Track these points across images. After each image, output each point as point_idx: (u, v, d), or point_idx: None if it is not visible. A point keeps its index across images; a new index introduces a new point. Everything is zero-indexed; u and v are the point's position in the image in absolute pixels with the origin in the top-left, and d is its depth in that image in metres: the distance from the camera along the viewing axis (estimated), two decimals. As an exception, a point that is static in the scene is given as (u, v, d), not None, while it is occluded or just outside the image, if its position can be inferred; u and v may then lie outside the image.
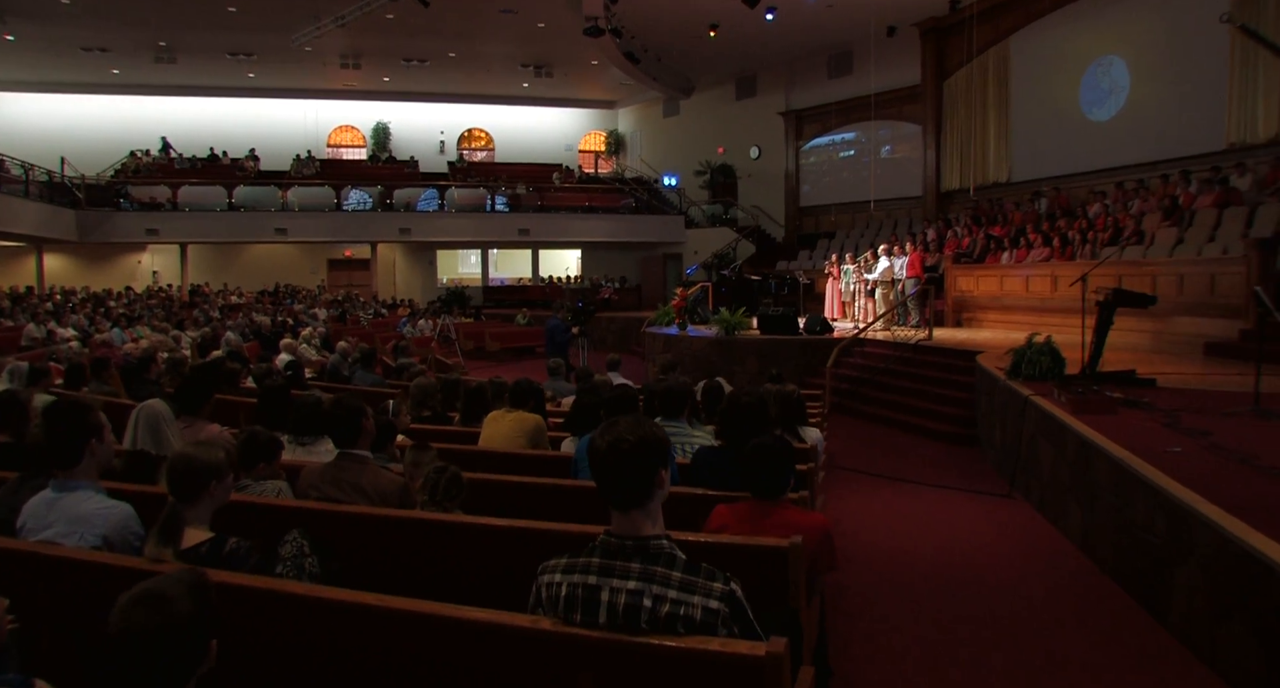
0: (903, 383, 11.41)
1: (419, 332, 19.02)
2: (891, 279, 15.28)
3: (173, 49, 23.98)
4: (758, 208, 27.46)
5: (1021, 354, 7.70)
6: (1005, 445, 7.77)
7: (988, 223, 18.06)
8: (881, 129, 23.69)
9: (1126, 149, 16.95)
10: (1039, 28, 18.93)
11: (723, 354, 13.69)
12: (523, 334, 20.79)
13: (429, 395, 5.63)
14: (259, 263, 28.06)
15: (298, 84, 28.51)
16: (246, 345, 14.09)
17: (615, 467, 1.90)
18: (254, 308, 21.45)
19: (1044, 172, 18.84)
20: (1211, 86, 15.09)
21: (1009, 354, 8.00)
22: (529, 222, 26.90)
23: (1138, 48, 16.69)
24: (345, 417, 3.17)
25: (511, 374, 15.93)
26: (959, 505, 7.06)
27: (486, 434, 4.82)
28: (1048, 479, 6.28)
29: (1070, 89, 18.22)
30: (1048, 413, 6.27)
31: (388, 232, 26.29)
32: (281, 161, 28.37)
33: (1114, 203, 15.68)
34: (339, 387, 8.33)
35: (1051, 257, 14.76)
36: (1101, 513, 5.05)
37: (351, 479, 3.12)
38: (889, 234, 21.94)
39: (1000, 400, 8.06)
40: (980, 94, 20.45)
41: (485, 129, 32.98)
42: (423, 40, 23.70)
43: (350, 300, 25.03)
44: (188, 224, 24.61)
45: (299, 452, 4.00)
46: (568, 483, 3.69)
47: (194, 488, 2.47)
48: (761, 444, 2.75)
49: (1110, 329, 7.33)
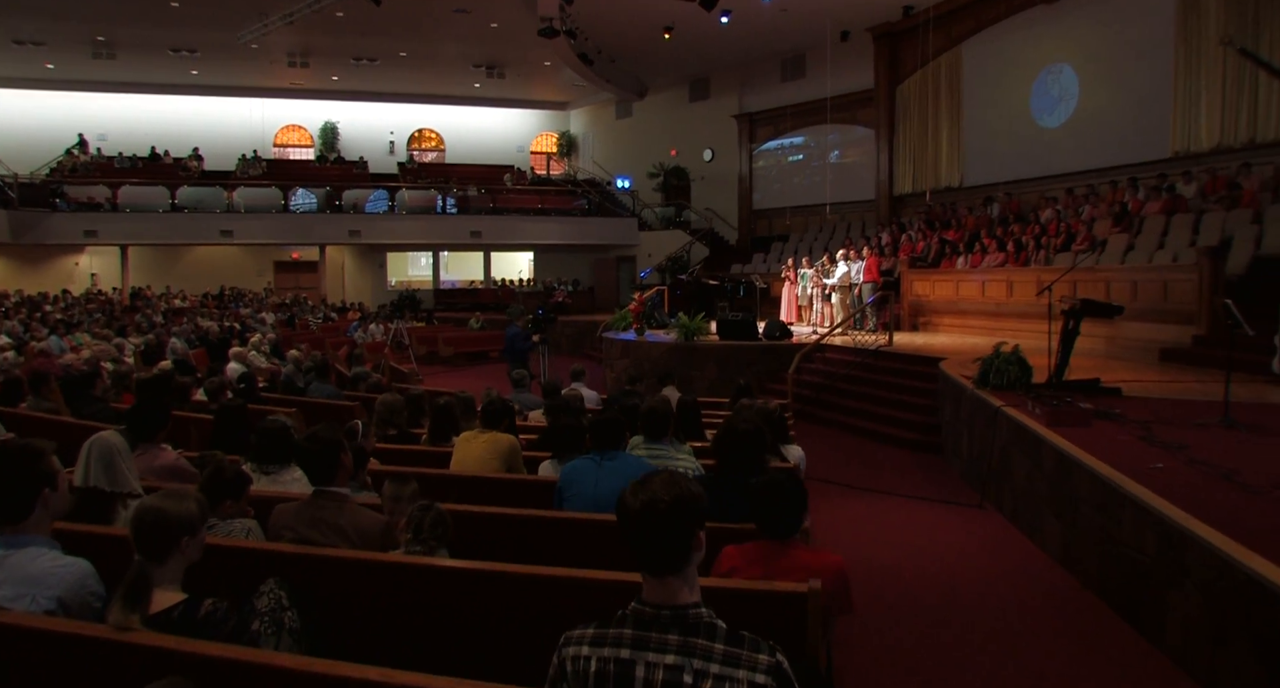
0: (864, 389, 11.40)
1: (370, 337, 18.63)
2: (849, 284, 15.30)
3: (112, 44, 23.19)
4: (711, 210, 27.45)
5: (990, 363, 7.70)
6: (974, 455, 7.76)
7: (941, 227, 18.22)
8: (834, 133, 23.80)
9: (1076, 155, 17.20)
10: (991, 34, 19.15)
11: (682, 360, 13.58)
12: (477, 339, 20.48)
13: (395, 413, 5.40)
14: (203, 265, 27.30)
15: (243, 82, 27.80)
16: (193, 353, 13.64)
17: (650, 530, 1.75)
18: (199, 312, 20.87)
19: (996, 177, 19.06)
20: (1157, 95, 15.37)
21: (976, 363, 7.99)
22: (481, 224, 26.56)
23: (1087, 56, 16.95)
24: (322, 452, 2.95)
25: (468, 381, 15.69)
26: (931, 516, 7.02)
27: (458, 457, 4.62)
28: (1022, 491, 6.26)
29: (1021, 95, 18.45)
30: (1021, 425, 6.25)
31: (337, 234, 25.76)
32: (226, 161, 27.66)
33: (1065, 208, 15.90)
34: (294, 399, 8.04)
35: (1006, 262, 14.91)
36: (1083, 528, 5.02)
37: (330, 519, 2.91)
38: (843, 237, 22.10)
39: (967, 409, 8.05)
40: (933, 99, 20.64)
41: (436, 129, 32.54)
42: (373, 39, 23.26)
43: (299, 304, 24.49)
44: (128, 225, 23.83)
45: (263, 481, 3.74)
46: (555, 516, 3.51)
47: (164, 546, 2.25)
48: (772, 481, 2.62)
49: (1076, 338, 7.36)
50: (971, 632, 4.60)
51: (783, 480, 2.64)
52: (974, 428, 7.78)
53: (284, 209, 25.43)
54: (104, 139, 27.85)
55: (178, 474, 4.01)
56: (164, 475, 3.98)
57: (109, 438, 3.24)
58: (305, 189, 25.90)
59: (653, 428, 4.18)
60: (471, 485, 4.22)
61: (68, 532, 2.83)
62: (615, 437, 3.77)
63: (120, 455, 3.22)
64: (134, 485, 3.26)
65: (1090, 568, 4.94)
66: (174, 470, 4.04)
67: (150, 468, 3.94)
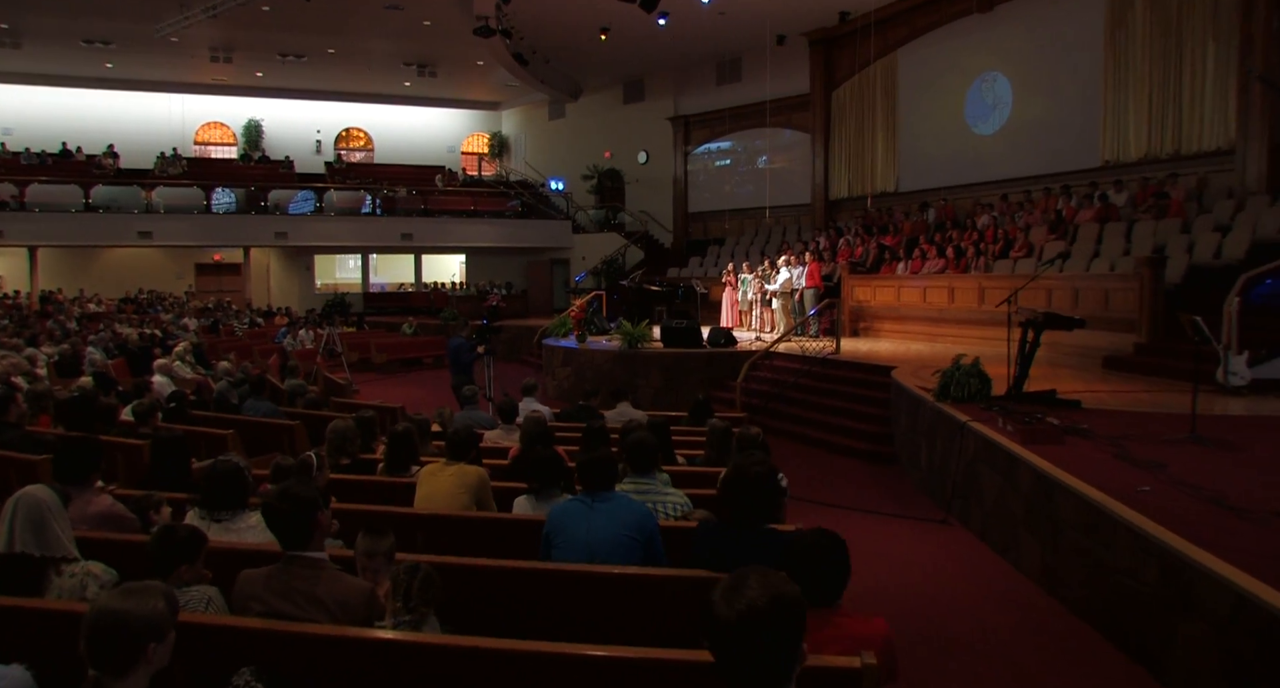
0: (814, 398, 11.30)
1: (300, 344, 17.97)
2: (791, 289, 15.25)
3: (16, 32, 21.87)
4: (646, 213, 27.24)
5: (950, 376, 7.64)
6: (934, 468, 7.69)
7: (879, 232, 18.33)
8: (770, 137, 23.82)
9: (1010, 163, 17.46)
10: (926, 42, 19.34)
11: (625, 368, 13.34)
12: (410, 345, 19.93)
13: (348, 441, 5.03)
14: (118, 267, 26.09)
15: (162, 76, 26.57)
16: (113, 363, 12.92)
17: (749, 644, 1.47)
18: (116, 318, 19.90)
19: (931, 182, 19.26)
20: (1087, 105, 15.67)
21: (935, 375, 7.92)
22: (412, 226, 25.96)
23: (1019, 65, 17.20)
24: (296, 512, 2.61)
25: (405, 390, 15.18)
26: (894, 531, 6.92)
27: (424, 493, 4.28)
28: (992, 508, 6.18)
29: (956, 102, 18.66)
30: (991, 441, 6.17)
31: (262, 235, 24.87)
32: (144, 159, 26.47)
33: (1002, 215, 16.12)
34: (229, 418, 7.58)
35: (946, 268, 15.03)
36: (1067, 551, 4.93)
37: (305, 588, 2.56)
38: (779, 241, 22.13)
39: (926, 422, 7.98)
40: (869, 104, 20.78)
41: (364, 129, 31.75)
42: (301, 35, 22.50)
43: (222, 309, 23.58)
44: (37, 226, 22.63)
45: (214, 529, 3.35)
46: (547, 569, 3.20)
47: (126, 656, 1.87)
48: (814, 542, 2.38)
49: (1038, 350, 7.34)
50: (953, 653, 4.50)
51: (825, 541, 2.41)
52: (934, 441, 7.71)
53: (206, 210, 24.47)
54: (9, 134, 26.43)
55: (114, 522, 3.61)
56: (98, 524, 3.57)
57: (37, 494, 2.85)
58: (225, 188, 24.94)
59: (639, 461, 3.93)
60: (441, 525, 3.91)
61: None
62: (608, 477, 3.50)
63: (52, 514, 2.83)
64: (69, 548, 2.88)
65: (1076, 592, 4.85)
66: (109, 518, 3.63)
67: (82, 516, 3.52)
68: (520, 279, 28.61)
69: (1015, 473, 5.73)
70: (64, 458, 3.67)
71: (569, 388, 13.89)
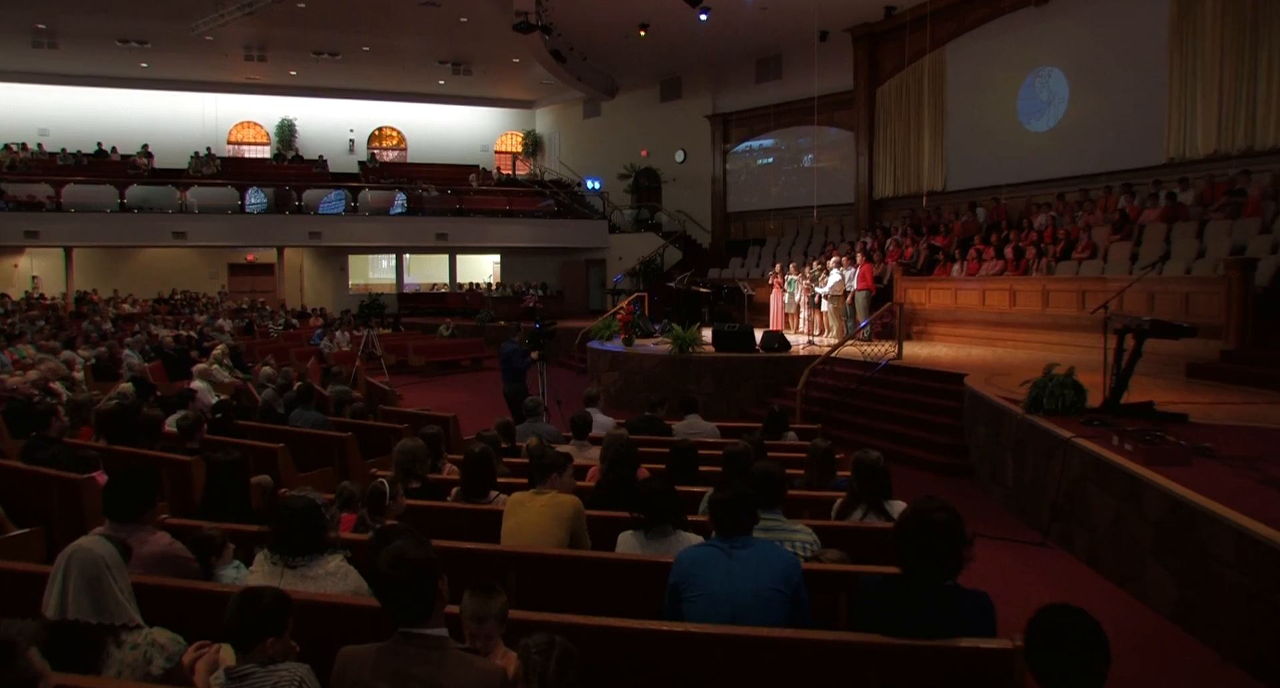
0: (877, 406, 10.79)
1: (336, 346, 17.63)
2: (843, 292, 14.73)
3: (53, 33, 21.78)
4: (683, 213, 26.77)
5: (1042, 387, 7.10)
6: (1025, 485, 7.17)
7: (929, 232, 17.76)
8: (811, 135, 23.30)
9: (1065, 161, 16.83)
10: (976, 36, 18.74)
11: (676, 373, 12.89)
12: (448, 347, 19.56)
13: (417, 462, 4.58)
14: (152, 267, 25.94)
15: (196, 76, 26.41)
16: (149, 366, 12.62)
17: None
18: (151, 319, 19.68)
19: (980, 181, 18.66)
20: (1151, 100, 15.03)
21: (1024, 385, 7.39)
22: (447, 226, 25.63)
23: (1077, 59, 16.57)
24: (415, 582, 2.12)
25: (446, 394, 14.81)
26: (986, 553, 6.40)
27: (512, 526, 3.82)
28: (1106, 534, 5.67)
29: (1007, 99, 18.05)
30: (1104, 460, 5.66)
31: (296, 235, 24.63)
32: (177, 159, 26.34)
33: (1059, 214, 15.53)
34: (276, 429, 7.19)
35: (1005, 270, 14.46)
36: (1220, 591, 4.40)
37: (426, 675, 2.09)
38: (822, 241, 21.61)
39: (1014, 435, 7.46)
40: (914, 101, 20.20)
41: (396, 128, 31.48)
42: (335, 32, 22.22)
43: (257, 310, 23.33)
44: (73, 226, 22.49)
45: (288, 577, 2.92)
46: (686, 632, 2.70)
47: None
48: (1070, 624, 1.88)
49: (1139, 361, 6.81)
50: None
51: (1081, 625, 1.90)
52: (1024, 456, 7.19)
53: (240, 210, 24.27)
54: (45, 134, 26.38)
55: (171, 564, 3.19)
56: (153, 566, 3.15)
57: (94, 549, 2.41)
58: (257, 188, 24.73)
59: (766, 495, 3.47)
60: (536, 566, 3.45)
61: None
62: (746, 519, 3.03)
63: (111, 573, 2.40)
64: (130, 614, 2.45)
65: (1235, 639, 4.32)
66: (166, 559, 3.20)
67: (135, 557, 3.09)
68: (555, 280, 28.22)
69: (1140, 497, 5.21)
70: (118, 493, 3.25)
71: (617, 393, 13.44)
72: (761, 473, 3.54)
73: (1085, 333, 12.51)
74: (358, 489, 3.97)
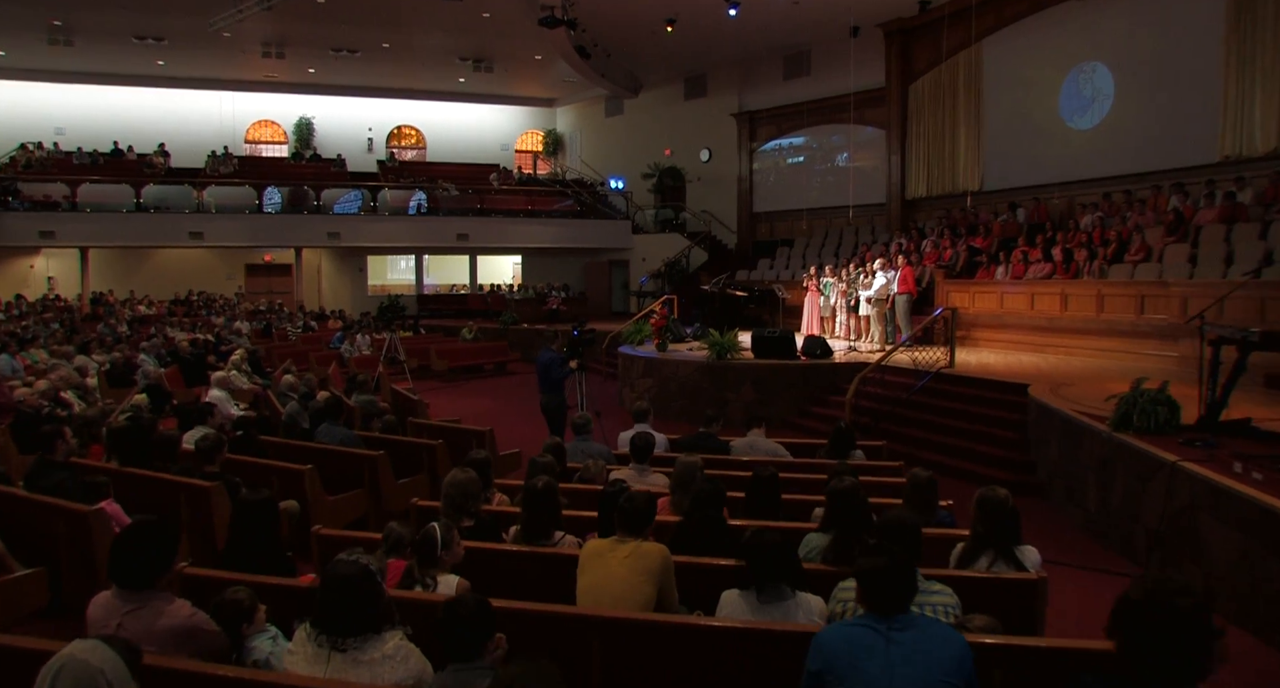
0: (931, 417, 10.19)
1: (357, 350, 17.18)
2: (886, 295, 14.15)
3: (69, 30, 21.36)
4: (708, 213, 26.21)
5: (1132, 402, 6.52)
6: (1112, 509, 6.59)
7: (967, 233, 17.16)
8: (841, 133, 22.73)
9: (1110, 159, 16.21)
10: (1014, 32, 18.13)
11: (714, 381, 12.33)
12: (471, 351, 19.06)
13: (470, 497, 4.01)
14: (168, 268, 25.54)
15: (213, 74, 25.97)
16: (165, 372, 12.17)
17: None
18: (167, 321, 19.27)
19: (1019, 181, 18.06)
20: (1204, 96, 14.40)
21: (1112, 400, 6.80)
22: (468, 226, 25.15)
23: (1123, 54, 15.95)
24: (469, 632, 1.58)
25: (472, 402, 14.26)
26: (1074, 583, 5.84)
27: (591, 582, 3.25)
28: (1227, 572, 5.09)
29: (1049, 95, 17.44)
30: (1224, 489, 5.08)
31: (314, 236, 24.19)
32: (194, 158, 25.91)
33: (1107, 215, 14.90)
34: (301, 446, 6.68)
35: (1054, 273, 13.85)
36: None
37: None
38: (853, 242, 21.03)
39: (1097, 454, 6.88)
40: (949, 99, 19.60)
41: (415, 126, 31.03)
42: (354, 29, 21.74)
43: (274, 311, 22.90)
44: (89, 226, 22.10)
45: (337, 661, 2.38)
46: None
47: None
48: None
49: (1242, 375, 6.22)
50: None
51: None
52: (1110, 478, 6.61)
53: (258, 209, 23.85)
54: (61, 133, 26.01)
55: (192, 639, 2.63)
56: (171, 642, 2.59)
57: (89, 660, 1.86)
58: (275, 187, 24.31)
59: (909, 548, 2.90)
60: (624, 633, 2.89)
61: None
62: (906, 593, 2.47)
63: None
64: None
65: None
66: (187, 634, 2.65)
67: (149, 632, 2.54)
68: (578, 281, 27.70)
69: (1275, 535, 4.63)
70: (128, 555, 2.68)
71: (651, 401, 12.88)
72: (896, 524, 2.99)
73: (1144, 340, 11.92)
74: (408, 532, 3.44)
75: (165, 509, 4.90)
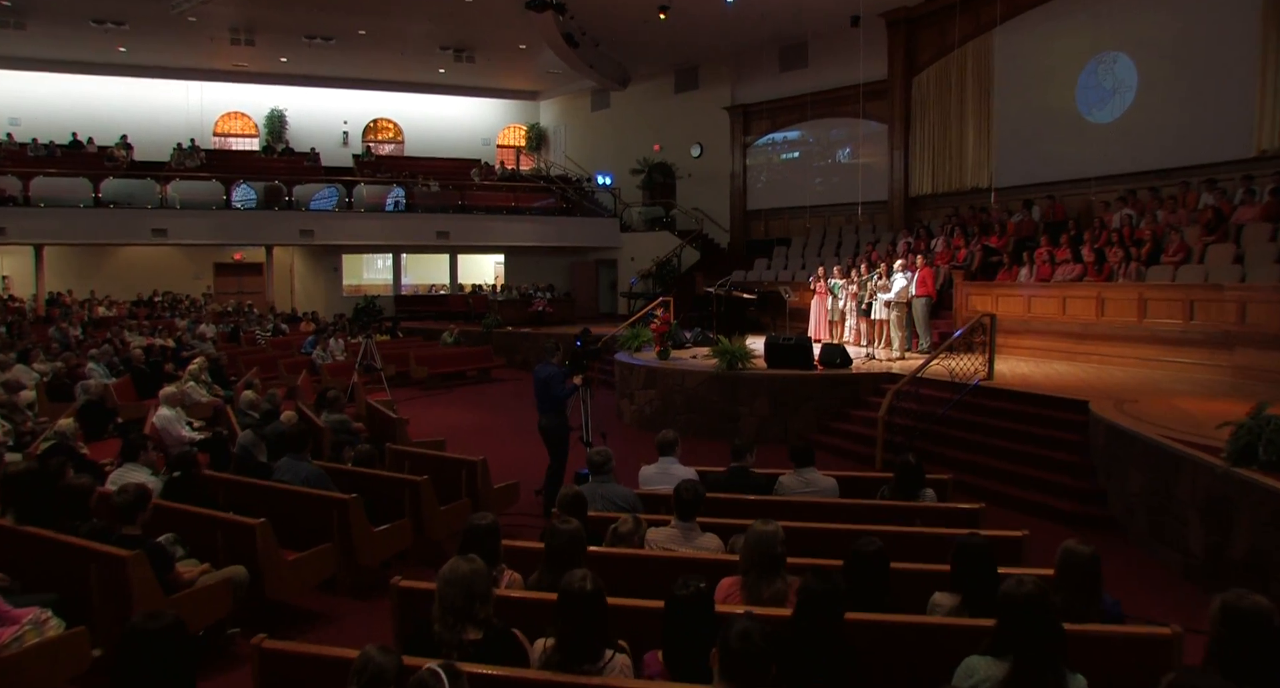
0: (969, 435, 9.14)
1: (330, 356, 15.94)
2: (906, 299, 13.12)
3: (20, 11, 19.86)
4: (699, 210, 25.11)
5: (1256, 432, 5.47)
6: (1232, 560, 5.55)
7: (980, 232, 16.18)
8: (841, 128, 21.72)
9: (1133, 154, 15.28)
10: (1029, 19, 17.16)
11: (724, 393, 11.21)
12: (452, 356, 17.84)
13: (477, 598, 2.64)
14: (132, 267, 24.16)
15: (179, 62, 24.56)
16: (116, 383, 10.92)
17: None
18: (126, 324, 17.95)
19: (1032, 177, 17.11)
20: (1237, 87, 13.51)
21: (1225, 427, 5.75)
22: (449, 224, 23.98)
23: (1147, 44, 15.02)
24: None
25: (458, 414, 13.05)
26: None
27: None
28: None
29: (1065, 88, 16.48)
30: None
31: (287, 234, 22.91)
32: (159, 151, 24.46)
33: (1136, 213, 13.96)
34: (255, 485, 5.50)
35: (1085, 274, 12.87)
36: None
37: None
38: (854, 240, 20.04)
39: (1206, 490, 5.83)
40: (957, 91, 18.63)
41: (393, 119, 29.82)
42: (329, 14, 20.46)
43: (243, 313, 21.59)
44: (43, 222, 20.70)
45: None
46: None
47: None
48: None
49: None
50: None
51: None
52: (1228, 521, 5.57)
53: (226, 205, 22.54)
54: (15, 124, 24.53)
55: None
56: None
57: None
58: (245, 182, 23.01)
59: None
60: None
61: None
62: None
63: None
64: None
65: None
66: None
67: None
68: (563, 281, 26.55)
69: None
70: None
71: (652, 415, 11.76)
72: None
73: (1192, 348, 10.95)
74: (392, 667, 2.31)
75: (70, 583, 3.75)
